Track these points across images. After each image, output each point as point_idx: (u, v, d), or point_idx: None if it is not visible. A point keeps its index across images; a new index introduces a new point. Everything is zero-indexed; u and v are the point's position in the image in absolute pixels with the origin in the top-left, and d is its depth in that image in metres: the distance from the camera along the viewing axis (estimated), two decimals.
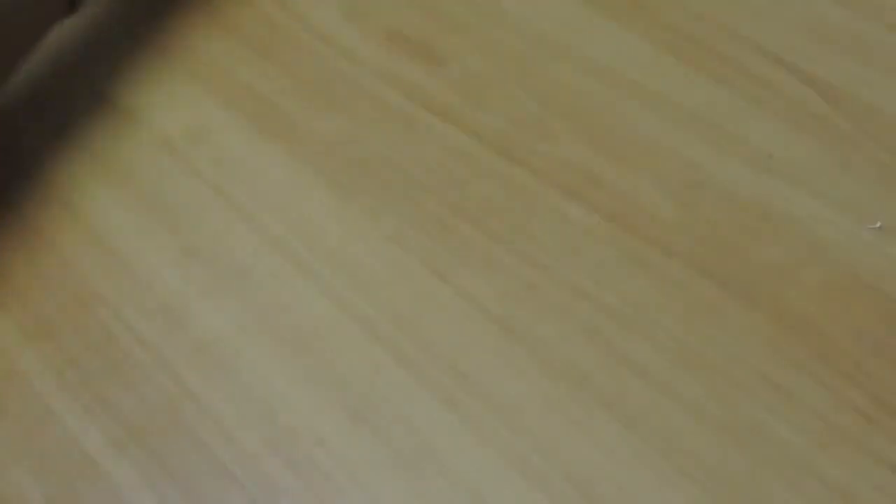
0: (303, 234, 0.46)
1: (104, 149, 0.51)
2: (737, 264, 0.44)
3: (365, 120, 0.52)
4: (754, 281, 0.43)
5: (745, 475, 0.36)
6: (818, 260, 0.44)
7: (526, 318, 0.42)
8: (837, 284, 0.43)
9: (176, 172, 0.50)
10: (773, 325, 0.41)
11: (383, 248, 0.45)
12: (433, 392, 0.40)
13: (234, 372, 0.41)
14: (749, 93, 0.52)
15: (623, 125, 0.51)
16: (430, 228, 0.46)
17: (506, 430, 0.39)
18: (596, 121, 0.51)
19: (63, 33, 0.58)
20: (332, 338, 0.41)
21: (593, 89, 0.53)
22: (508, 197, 0.47)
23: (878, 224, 0.45)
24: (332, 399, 0.40)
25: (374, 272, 0.44)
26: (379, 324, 0.40)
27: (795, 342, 0.41)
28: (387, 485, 0.38)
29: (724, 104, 0.51)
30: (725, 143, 0.49)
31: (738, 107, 0.51)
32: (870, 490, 0.36)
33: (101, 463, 0.38)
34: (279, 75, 0.55)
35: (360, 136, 0.51)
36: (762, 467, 0.37)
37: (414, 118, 0.52)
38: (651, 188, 0.47)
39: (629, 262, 0.44)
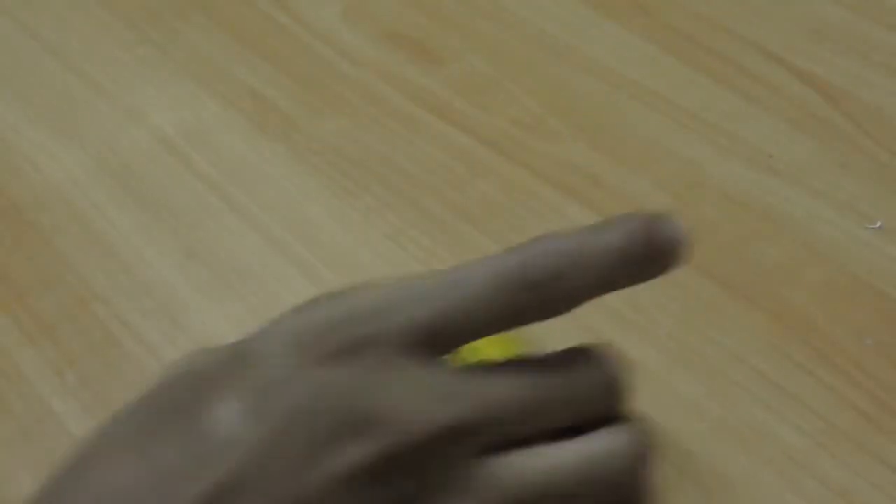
0: (303, 234, 0.46)
1: (104, 148, 0.51)
2: (737, 264, 0.44)
3: (365, 120, 0.52)
4: (754, 281, 0.43)
5: (745, 475, 0.36)
6: (818, 260, 0.44)
7: None
8: (837, 284, 0.43)
9: (176, 172, 0.50)
10: (773, 325, 0.41)
11: (383, 247, 0.45)
12: None
13: None
14: (749, 93, 0.52)
15: (623, 125, 0.51)
16: (430, 228, 0.46)
17: None
18: (596, 121, 0.51)
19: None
20: None
21: (593, 89, 0.53)
22: (508, 197, 0.47)
23: (878, 224, 0.45)
24: None
25: (374, 271, 0.44)
26: None
27: (795, 342, 0.41)
28: None
29: (724, 104, 0.51)
30: (725, 143, 0.49)
31: (738, 107, 0.51)
32: (870, 490, 0.36)
33: None
34: (279, 75, 0.55)
35: (360, 136, 0.51)
36: (762, 467, 0.37)
37: (414, 118, 0.52)
38: (651, 188, 0.47)
39: None
